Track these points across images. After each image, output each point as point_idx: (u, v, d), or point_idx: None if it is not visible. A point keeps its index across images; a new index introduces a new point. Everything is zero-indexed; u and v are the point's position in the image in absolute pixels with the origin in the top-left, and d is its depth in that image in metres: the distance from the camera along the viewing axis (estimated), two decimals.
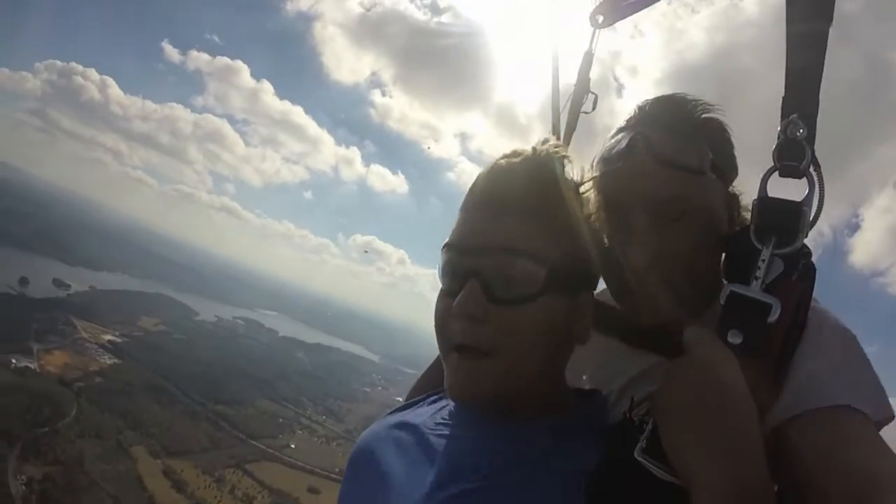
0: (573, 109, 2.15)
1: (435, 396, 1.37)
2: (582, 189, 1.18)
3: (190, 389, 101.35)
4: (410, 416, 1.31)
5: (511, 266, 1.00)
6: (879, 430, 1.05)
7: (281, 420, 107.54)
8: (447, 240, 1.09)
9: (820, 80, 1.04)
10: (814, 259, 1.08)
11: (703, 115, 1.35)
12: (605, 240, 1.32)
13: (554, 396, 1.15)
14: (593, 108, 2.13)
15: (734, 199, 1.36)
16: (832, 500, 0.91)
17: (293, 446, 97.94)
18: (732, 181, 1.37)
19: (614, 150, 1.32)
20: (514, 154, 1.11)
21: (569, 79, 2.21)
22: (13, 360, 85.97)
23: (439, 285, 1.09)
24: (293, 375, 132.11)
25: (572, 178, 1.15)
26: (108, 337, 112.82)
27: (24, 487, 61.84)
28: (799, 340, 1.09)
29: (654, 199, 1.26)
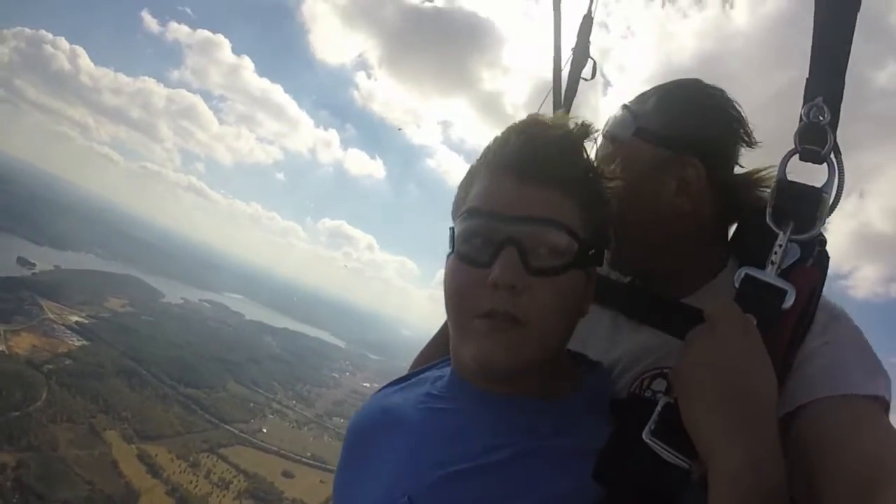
0: (573, 75, 2.14)
1: (431, 369, 1.33)
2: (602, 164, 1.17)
3: (160, 372, 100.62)
4: (407, 390, 1.28)
5: (550, 237, 1.00)
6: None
7: (252, 404, 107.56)
8: (471, 204, 1.05)
9: (846, 64, 1.01)
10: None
11: (668, 88, 1.39)
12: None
13: (560, 370, 1.14)
14: (593, 76, 2.13)
15: (682, 164, 1.31)
16: (840, 485, 0.90)
17: (265, 431, 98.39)
18: (692, 146, 1.31)
19: None
20: (544, 124, 1.08)
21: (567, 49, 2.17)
22: None
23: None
24: (263, 359, 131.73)
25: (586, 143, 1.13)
26: (76, 318, 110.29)
27: None
28: (809, 328, 1.10)
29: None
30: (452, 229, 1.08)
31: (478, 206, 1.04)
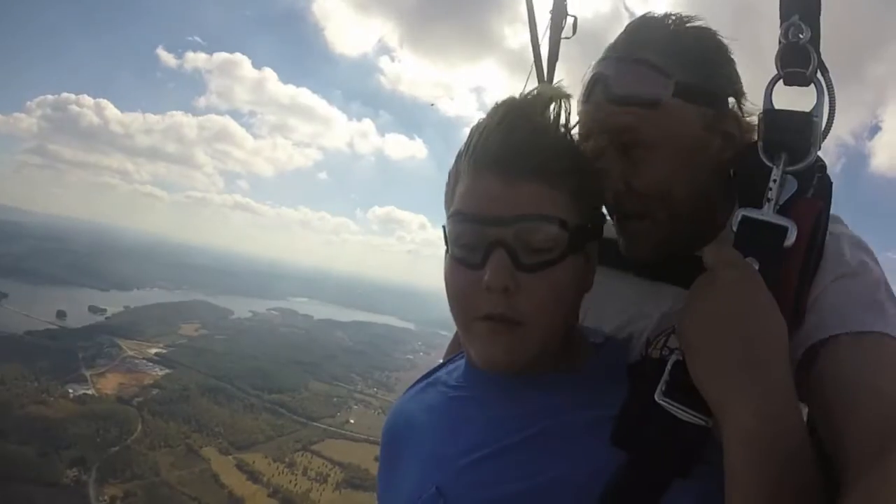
0: (553, 36, 2.14)
1: (447, 363, 1.34)
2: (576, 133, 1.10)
3: (243, 384, 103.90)
4: (428, 387, 1.30)
5: (536, 233, 0.96)
6: None
7: (336, 399, 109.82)
8: (458, 207, 1.02)
9: None
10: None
11: (674, 33, 1.21)
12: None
13: (573, 345, 1.12)
14: (574, 33, 2.11)
15: (724, 118, 1.20)
16: (859, 428, 0.84)
17: (352, 421, 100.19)
18: (725, 95, 1.21)
19: (582, 91, 1.27)
20: (524, 112, 1.02)
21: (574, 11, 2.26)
22: (70, 390, 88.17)
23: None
24: (338, 354, 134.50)
25: (569, 124, 1.06)
26: (154, 350, 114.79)
27: None
28: (819, 263, 1.04)
29: (609, 130, 1.19)
30: (445, 228, 1.06)
31: (464, 209, 1.01)
